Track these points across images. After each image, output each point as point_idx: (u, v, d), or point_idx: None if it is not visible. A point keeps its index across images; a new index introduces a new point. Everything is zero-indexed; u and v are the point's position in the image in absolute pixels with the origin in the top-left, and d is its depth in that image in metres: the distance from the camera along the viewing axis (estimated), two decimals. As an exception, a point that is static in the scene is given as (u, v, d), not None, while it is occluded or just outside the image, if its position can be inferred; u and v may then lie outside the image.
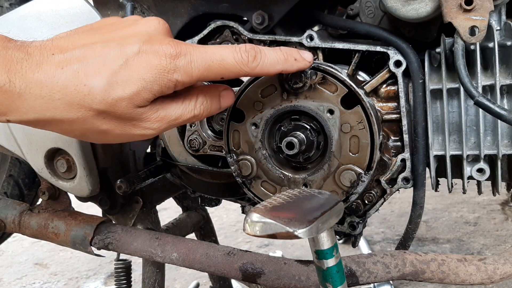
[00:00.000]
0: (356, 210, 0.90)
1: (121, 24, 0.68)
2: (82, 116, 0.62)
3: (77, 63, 0.62)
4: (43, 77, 0.60)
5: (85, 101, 0.61)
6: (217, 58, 0.67)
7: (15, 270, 2.52)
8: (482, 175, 0.85)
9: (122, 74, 0.62)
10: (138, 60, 0.63)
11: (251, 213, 0.56)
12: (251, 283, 0.86)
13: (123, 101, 0.62)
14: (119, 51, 0.63)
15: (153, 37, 0.65)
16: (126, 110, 0.63)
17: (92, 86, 0.61)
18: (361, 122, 0.79)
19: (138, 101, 0.63)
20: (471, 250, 2.16)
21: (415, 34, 0.89)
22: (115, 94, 0.62)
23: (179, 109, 0.68)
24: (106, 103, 0.62)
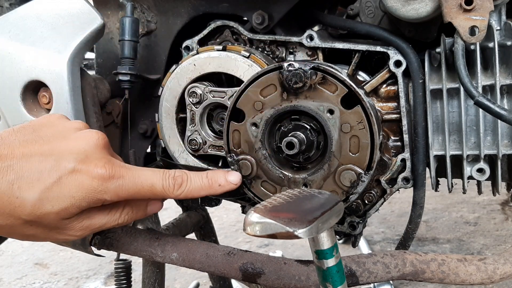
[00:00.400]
0: (356, 210, 0.90)
1: (62, 133, 0.71)
2: (10, 223, 0.65)
3: (13, 174, 0.64)
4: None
5: (15, 211, 0.64)
6: (147, 184, 0.72)
7: (15, 270, 2.52)
8: (482, 175, 0.85)
9: (54, 191, 0.65)
10: (71, 178, 0.66)
11: (251, 213, 0.56)
12: (251, 283, 0.86)
13: (50, 215, 0.66)
14: (54, 167, 0.66)
15: (89, 156, 0.69)
16: (53, 222, 0.67)
17: (23, 199, 0.64)
18: (361, 122, 0.79)
19: (65, 215, 0.67)
20: (471, 250, 2.16)
21: (415, 34, 0.89)
22: (44, 208, 0.65)
23: (104, 219, 0.72)
24: (35, 216, 0.65)
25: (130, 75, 0.98)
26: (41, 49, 0.90)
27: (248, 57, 0.90)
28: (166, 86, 0.96)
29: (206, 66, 0.92)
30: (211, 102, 0.93)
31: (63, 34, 0.91)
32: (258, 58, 0.91)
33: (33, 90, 0.93)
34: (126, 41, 0.97)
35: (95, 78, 1.01)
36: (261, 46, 0.95)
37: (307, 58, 0.92)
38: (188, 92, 0.93)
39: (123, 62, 0.98)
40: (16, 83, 0.92)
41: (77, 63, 0.91)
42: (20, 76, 0.91)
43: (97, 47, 1.09)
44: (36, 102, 0.94)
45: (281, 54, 0.94)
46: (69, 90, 0.90)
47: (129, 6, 0.97)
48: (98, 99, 0.99)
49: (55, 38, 0.91)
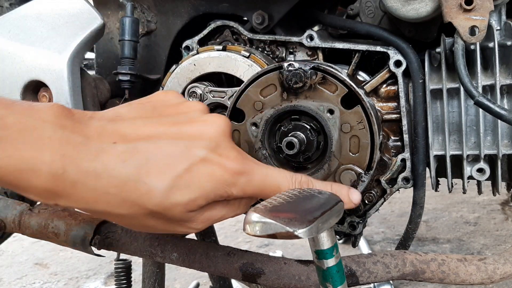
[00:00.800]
0: (356, 210, 0.90)
1: (187, 115, 0.65)
2: (134, 212, 0.58)
3: (140, 157, 0.57)
4: (101, 168, 0.55)
5: (141, 199, 0.57)
6: (274, 184, 0.67)
7: (15, 270, 2.52)
8: (482, 175, 0.85)
9: (185, 179, 0.59)
10: (202, 167, 0.61)
11: (251, 213, 0.56)
12: (251, 283, 0.86)
13: (178, 206, 0.59)
14: (185, 153, 0.60)
15: (219, 144, 0.63)
16: (178, 214, 0.61)
17: (152, 186, 0.57)
18: (361, 122, 0.79)
19: (192, 207, 0.61)
20: (471, 250, 2.17)
21: (415, 34, 0.89)
22: (173, 198, 0.59)
23: (224, 210, 0.67)
24: (163, 206, 0.58)
25: (130, 75, 0.98)
26: (41, 49, 0.90)
27: (248, 57, 0.90)
28: (166, 86, 0.96)
29: (206, 66, 0.92)
30: (211, 102, 0.93)
31: (63, 34, 0.91)
32: (258, 58, 0.91)
33: (33, 90, 0.93)
34: (126, 41, 0.97)
35: (95, 78, 1.01)
36: (261, 46, 0.96)
37: (307, 58, 0.92)
38: (188, 92, 0.93)
39: (123, 62, 0.98)
40: (16, 83, 0.92)
41: (77, 63, 0.91)
42: (20, 76, 0.91)
43: (97, 47, 1.09)
44: (36, 102, 0.94)
45: (281, 54, 0.94)
46: (69, 90, 0.90)
47: (129, 6, 0.97)
48: (98, 99, 0.99)
49: (55, 38, 0.91)
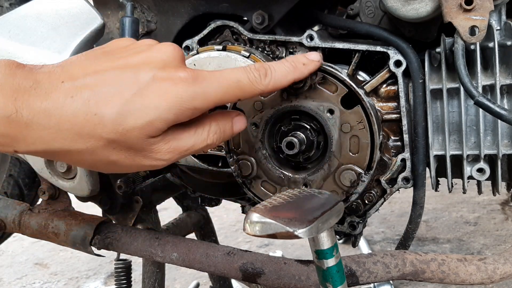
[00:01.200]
0: (356, 210, 0.90)
1: (135, 49, 0.65)
2: (92, 146, 0.60)
3: (88, 91, 0.59)
4: (51, 107, 0.58)
5: (95, 131, 0.59)
6: (233, 80, 0.65)
7: (15, 270, 2.52)
8: (482, 175, 0.85)
9: (135, 103, 0.59)
10: (152, 88, 0.60)
11: (251, 213, 0.56)
12: (251, 283, 0.86)
13: (134, 131, 0.60)
14: (132, 78, 0.61)
15: (168, 64, 0.63)
16: (137, 141, 0.61)
17: (102, 116, 0.58)
18: (361, 122, 0.79)
19: (150, 131, 0.61)
20: (471, 250, 2.16)
21: (415, 34, 0.89)
22: (126, 124, 0.59)
23: (191, 139, 0.65)
24: (117, 133, 0.59)
25: (130, 75, 0.98)
26: (41, 49, 0.90)
27: (248, 57, 0.90)
28: (166, 86, 0.96)
29: (206, 66, 0.92)
30: (211, 102, 0.93)
31: (63, 34, 0.91)
32: (258, 58, 0.91)
33: (33, 90, 0.93)
34: (126, 41, 0.97)
35: (95, 78, 1.01)
36: (261, 46, 0.96)
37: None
38: (188, 92, 0.93)
39: (123, 62, 0.98)
40: (16, 83, 0.92)
41: (77, 63, 0.91)
42: (20, 76, 0.91)
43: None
44: (36, 102, 0.94)
45: (281, 54, 0.94)
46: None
47: (129, 6, 0.97)
48: (98, 99, 0.99)
49: (55, 38, 0.91)
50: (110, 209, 1.12)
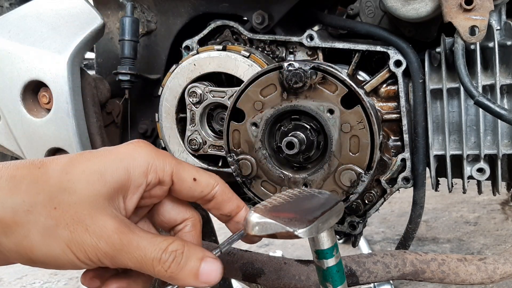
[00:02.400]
0: (356, 210, 0.90)
1: None
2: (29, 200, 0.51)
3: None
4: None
5: (37, 181, 0.51)
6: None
7: (15, 270, 2.52)
8: (482, 175, 0.85)
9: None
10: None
11: (252, 213, 0.56)
12: (251, 283, 0.86)
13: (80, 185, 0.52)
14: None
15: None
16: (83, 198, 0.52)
17: (48, 167, 0.53)
18: (361, 122, 0.79)
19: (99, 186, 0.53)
20: (471, 249, 2.16)
21: (415, 34, 0.89)
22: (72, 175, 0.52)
23: (145, 238, 0.53)
24: (60, 184, 0.52)
25: (130, 75, 0.98)
26: (41, 49, 0.90)
27: (248, 57, 0.90)
28: (166, 86, 0.96)
29: (206, 66, 0.92)
30: (211, 102, 0.93)
31: (63, 34, 0.91)
32: (258, 58, 0.91)
33: (33, 90, 0.93)
34: (126, 41, 0.97)
35: (95, 78, 1.01)
36: (261, 46, 0.96)
37: (307, 58, 0.92)
38: (188, 92, 0.93)
39: (123, 62, 0.98)
40: (16, 83, 0.92)
41: (77, 63, 0.91)
42: (20, 76, 0.91)
43: (97, 47, 1.09)
44: (36, 102, 0.94)
45: (281, 54, 0.94)
46: (69, 90, 0.89)
47: (129, 6, 0.97)
48: (98, 99, 0.99)
49: (55, 38, 0.91)
50: (110, 209, 1.12)
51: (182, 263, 0.52)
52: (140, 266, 0.52)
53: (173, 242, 0.53)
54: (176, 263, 0.52)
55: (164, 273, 0.52)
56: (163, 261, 0.52)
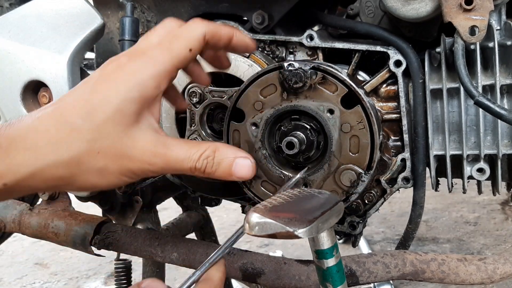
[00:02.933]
0: (356, 210, 0.90)
1: None
2: (75, 154, 0.59)
3: (52, 107, 0.61)
4: (23, 130, 0.59)
5: (71, 138, 0.58)
6: (171, 36, 0.65)
7: (15, 270, 2.52)
8: (482, 175, 0.85)
9: (97, 95, 0.60)
10: (111, 76, 0.61)
11: (251, 213, 0.56)
12: (251, 283, 0.86)
13: (108, 124, 0.59)
14: (96, 75, 0.62)
15: (137, 50, 0.65)
16: (116, 135, 0.60)
17: (72, 122, 0.59)
18: (361, 122, 0.79)
19: (122, 119, 0.60)
20: (471, 249, 2.17)
21: (415, 34, 0.89)
22: (97, 118, 0.59)
23: (181, 153, 0.63)
24: (92, 131, 0.59)
25: (130, 75, 0.98)
26: (41, 49, 0.90)
27: (248, 57, 0.90)
28: (166, 86, 0.96)
29: (206, 66, 0.92)
30: (211, 102, 0.93)
31: (63, 34, 0.91)
32: (258, 58, 0.91)
33: (33, 90, 0.93)
34: (126, 41, 0.97)
35: (95, 78, 1.01)
36: (261, 46, 0.95)
37: (307, 58, 0.92)
38: (188, 92, 0.93)
39: (123, 62, 0.98)
40: (16, 83, 0.92)
41: (77, 63, 0.91)
42: (20, 76, 0.91)
43: (97, 47, 1.09)
44: (36, 102, 0.94)
45: (281, 54, 0.94)
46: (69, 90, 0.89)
47: (129, 6, 0.97)
48: (98, 99, 0.99)
49: (55, 38, 0.91)
50: (110, 209, 1.12)
51: (215, 166, 0.64)
52: (181, 172, 0.64)
53: (205, 151, 0.63)
54: (209, 167, 0.63)
55: (202, 175, 0.64)
56: (198, 168, 0.63)
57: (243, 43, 0.72)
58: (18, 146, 0.58)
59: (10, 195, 0.61)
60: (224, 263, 0.63)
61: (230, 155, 0.65)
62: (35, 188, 0.61)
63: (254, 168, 0.66)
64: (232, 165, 0.65)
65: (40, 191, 0.63)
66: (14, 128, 0.59)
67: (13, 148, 0.58)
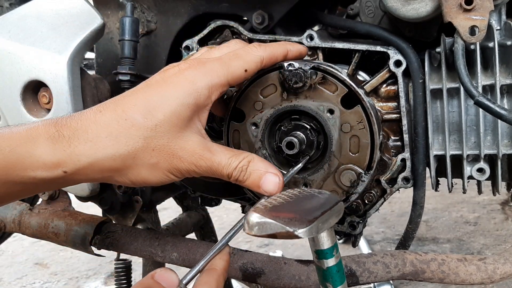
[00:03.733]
0: (356, 210, 0.90)
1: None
2: (132, 149, 0.64)
3: (113, 103, 0.66)
4: (85, 123, 0.64)
5: (130, 133, 0.63)
6: (231, 53, 0.72)
7: (15, 270, 2.52)
8: (482, 175, 0.85)
9: (157, 96, 0.65)
10: (171, 80, 0.67)
11: (251, 213, 0.56)
12: (251, 283, 0.86)
13: (164, 124, 0.64)
14: (157, 78, 0.68)
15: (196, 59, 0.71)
16: (170, 135, 0.65)
17: (133, 118, 0.64)
18: (361, 122, 0.79)
19: (178, 121, 0.65)
20: (471, 249, 2.17)
21: (415, 34, 0.89)
22: (155, 118, 0.64)
23: (223, 159, 0.68)
24: (150, 129, 0.64)
25: (130, 75, 0.98)
26: (41, 49, 0.90)
27: (248, 57, 0.90)
28: (166, 86, 0.96)
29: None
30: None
31: (63, 34, 0.91)
32: (258, 58, 0.90)
33: (33, 90, 0.93)
34: (126, 41, 0.97)
35: (95, 78, 1.01)
36: (261, 46, 0.95)
37: (307, 58, 0.92)
38: (188, 92, 0.93)
39: (123, 62, 0.98)
40: (16, 83, 0.92)
41: (77, 63, 0.91)
42: (20, 76, 0.91)
43: (97, 47, 1.09)
44: (36, 102, 0.94)
45: (281, 54, 0.94)
46: (69, 90, 0.90)
47: (129, 6, 0.97)
48: (98, 99, 0.99)
49: (55, 38, 0.91)
50: (110, 209, 1.12)
51: (246, 176, 0.68)
52: (218, 176, 0.69)
53: (242, 159, 0.68)
54: (242, 176, 0.68)
55: (234, 181, 0.69)
56: (233, 175, 0.68)
57: (296, 55, 0.80)
58: (80, 137, 0.63)
59: (67, 183, 0.66)
60: (228, 252, 0.65)
61: (262, 168, 0.69)
62: (91, 178, 0.66)
63: (281, 185, 0.68)
64: (261, 178, 0.68)
65: (94, 181, 0.68)
66: (76, 120, 0.64)
67: (75, 138, 0.63)
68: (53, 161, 0.62)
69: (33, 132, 0.63)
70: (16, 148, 0.62)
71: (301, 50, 0.81)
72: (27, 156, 0.62)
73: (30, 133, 0.63)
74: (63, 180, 0.64)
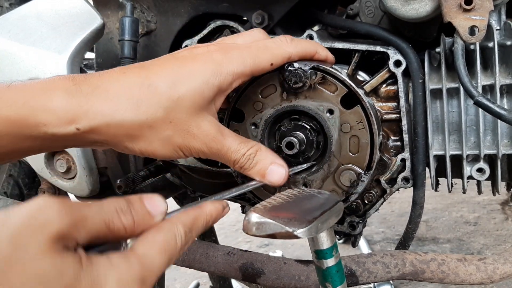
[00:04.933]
0: (356, 210, 0.90)
1: None
2: (151, 117, 0.62)
3: (139, 68, 0.65)
4: (107, 82, 0.62)
5: (152, 100, 0.62)
6: (261, 45, 0.72)
7: (15, 270, 2.51)
8: (482, 175, 0.85)
9: (184, 70, 0.65)
10: (200, 58, 0.66)
11: (251, 213, 0.56)
12: (251, 283, 0.86)
13: (186, 99, 0.64)
14: (187, 53, 0.68)
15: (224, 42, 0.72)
16: (189, 111, 0.64)
17: (156, 86, 0.63)
18: (361, 122, 0.79)
19: (200, 100, 0.65)
20: (471, 250, 2.17)
21: (415, 34, 0.89)
22: (179, 90, 0.63)
23: (233, 144, 0.68)
24: (172, 100, 0.63)
25: (130, 75, 0.98)
26: (41, 49, 0.91)
27: (248, 57, 0.90)
28: (166, 86, 0.96)
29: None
30: (211, 102, 0.93)
31: (63, 34, 0.91)
32: (258, 58, 0.90)
33: (33, 90, 0.93)
34: (126, 41, 0.97)
35: (95, 78, 1.01)
36: (261, 46, 0.95)
37: (307, 58, 0.92)
38: (188, 92, 0.93)
39: (123, 62, 0.98)
40: (16, 83, 0.92)
41: (77, 63, 0.91)
42: (20, 76, 0.91)
43: (97, 47, 1.09)
44: (36, 102, 0.94)
45: (281, 54, 0.94)
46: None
47: (129, 6, 0.97)
48: (98, 99, 0.99)
49: (55, 38, 0.91)
50: (110, 209, 1.12)
51: (252, 164, 0.68)
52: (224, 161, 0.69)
53: (250, 148, 0.69)
54: (248, 164, 0.68)
55: (239, 169, 0.69)
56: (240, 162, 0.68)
57: (323, 59, 0.79)
58: (100, 95, 0.60)
59: (76, 142, 0.63)
60: (223, 204, 0.63)
61: (269, 158, 0.69)
62: (101, 140, 0.63)
63: (286, 177, 0.69)
64: (267, 168, 0.69)
65: (102, 144, 0.65)
66: (97, 77, 0.62)
67: (94, 95, 0.60)
68: (67, 116, 0.59)
69: (49, 84, 0.60)
70: (30, 100, 0.58)
71: (329, 57, 0.80)
72: (41, 109, 0.58)
73: (46, 85, 0.60)
74: (73, 138, 0.61)
